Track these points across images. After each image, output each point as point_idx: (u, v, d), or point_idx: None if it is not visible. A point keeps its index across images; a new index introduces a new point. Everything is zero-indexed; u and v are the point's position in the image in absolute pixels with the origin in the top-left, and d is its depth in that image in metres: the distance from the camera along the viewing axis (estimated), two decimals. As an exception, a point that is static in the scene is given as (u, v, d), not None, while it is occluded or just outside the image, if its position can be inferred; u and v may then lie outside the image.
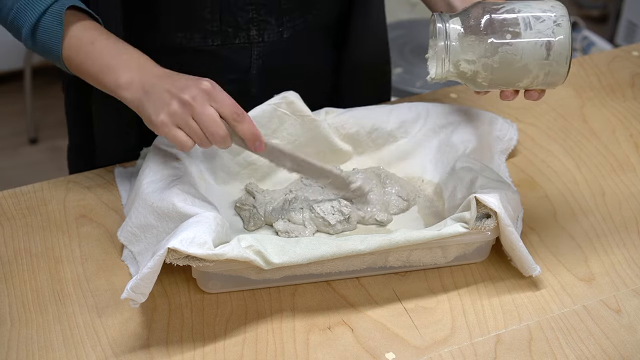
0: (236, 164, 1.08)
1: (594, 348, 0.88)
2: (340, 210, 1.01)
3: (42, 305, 0.91)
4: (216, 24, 1.09)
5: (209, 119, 0.89)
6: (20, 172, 2.71)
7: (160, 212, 0.93)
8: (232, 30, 1.10)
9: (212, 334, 0.88)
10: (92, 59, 0.95)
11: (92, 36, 0.96)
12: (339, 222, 1.01)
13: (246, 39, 1.11)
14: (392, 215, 1.04)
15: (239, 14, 1.09)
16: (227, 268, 0.90)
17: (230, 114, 0.90)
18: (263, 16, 1.10)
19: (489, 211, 0.92)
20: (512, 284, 0.96)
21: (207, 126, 0.90)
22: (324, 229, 1.01)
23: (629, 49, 1.47)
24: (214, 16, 1.08)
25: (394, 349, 0.87)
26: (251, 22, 1.10)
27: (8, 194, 1.07)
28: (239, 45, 1.12)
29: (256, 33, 1.11)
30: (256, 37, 1.12)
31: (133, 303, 0.85)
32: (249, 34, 1.11)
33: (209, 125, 0.90)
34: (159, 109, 0.90)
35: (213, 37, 1.10)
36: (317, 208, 1.00)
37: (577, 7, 3.66)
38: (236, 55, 1.13)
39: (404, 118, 1.13)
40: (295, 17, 1.13)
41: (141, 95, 0.92)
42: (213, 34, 1.10)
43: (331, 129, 1.10)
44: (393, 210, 1.04)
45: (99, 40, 0.95)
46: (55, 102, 3.06)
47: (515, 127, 1.18)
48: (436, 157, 1.10)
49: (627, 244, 1.02)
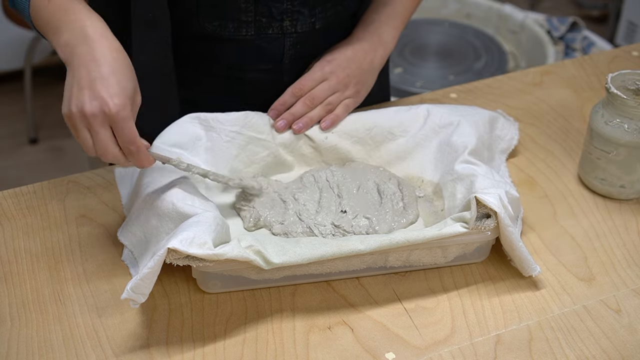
0: (238, 160, 1.08)
1: (594, 348, 0.88)
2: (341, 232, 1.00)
3: (42, 305, 0.91)
4: (251, 14, 1.10)
5: (100, 143, 0.88)
6: (20, 172, 2.71)
7: (160, 212, 0.93)
8: (266, 21, 1.11)
9: (212, 334, 0.89)
10: (46, 16, 0.93)
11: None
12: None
13: (279, 30, 1.12)
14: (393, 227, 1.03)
15: (273, 5, 1.10)
16: (227, 268, 0.90)
17: (124, 145, 0.88)
18: (297, 7, 1.11)
19: (489, 211, 0.92)
20: (512, 284, 0.96)
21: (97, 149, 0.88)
22: None
23: (629, 49, 1.47)
24: (248, 7, 1.09)
25: (394, 349, 0.87)
26: (285, 13, 1.11)
27: (8, 194, 1.07)
28: (272, 35, 1.13)
29: (289, 24, 1.12)
30: (289, 27, 1.13)
31: (133, 303, 0.85)
32: (282, 24, 1.12)
33: (98, 149, 0.88)
34: (68, 96, 0.88)
35: (247, 27, 1.11)
36: (316, 229, 1.00)
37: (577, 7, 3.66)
38: (269, 45, 1.14)
39: (404, 118, 1.13)
40: (327, 8, 1.14)
41: (68, 60, 0.89)
42: (247, 24, 1.11)
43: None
44: (395, 225, 1.03)
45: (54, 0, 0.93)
46: (55, 102, 3.06)
47: (516, 126, 1.18)
48: (436, 157, 1.10)
49: (627, 244, 1.02)
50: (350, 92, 1.13)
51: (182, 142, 1.04)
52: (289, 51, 1.15)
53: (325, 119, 1.11)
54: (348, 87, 1.13)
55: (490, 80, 1.36)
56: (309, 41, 1.16)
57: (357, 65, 1.14)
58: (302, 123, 1.10)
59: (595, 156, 1.08)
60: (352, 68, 1.13)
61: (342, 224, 1.00)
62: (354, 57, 1.14)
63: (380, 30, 1.17)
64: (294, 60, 1.17)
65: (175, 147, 1.03)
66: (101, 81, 0.86)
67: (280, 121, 1.10)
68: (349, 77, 1.13)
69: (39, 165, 2.76)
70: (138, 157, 0.90)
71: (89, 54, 0.88)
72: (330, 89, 1.12)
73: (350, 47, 1.15)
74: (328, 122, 1.11)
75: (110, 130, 0.88)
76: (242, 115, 1.07)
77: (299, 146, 1.11)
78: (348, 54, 1.14)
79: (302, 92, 1.11)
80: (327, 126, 1.11)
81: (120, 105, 0.86)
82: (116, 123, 0.86)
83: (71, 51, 0.89)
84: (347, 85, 1.13)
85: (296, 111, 1.10)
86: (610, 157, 1.06)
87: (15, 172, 2.71)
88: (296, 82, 1.12)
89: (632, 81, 1.07)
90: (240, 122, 1.07)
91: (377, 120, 1.12)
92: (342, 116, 1.12)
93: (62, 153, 2.83)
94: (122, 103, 0.86)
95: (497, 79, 1.36)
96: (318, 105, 1.11)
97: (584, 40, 2.61)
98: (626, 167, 1.06)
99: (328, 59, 1.14)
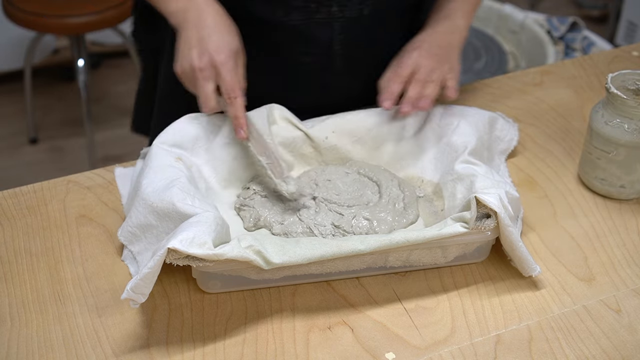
0: (237, 162, 1.08)
1: (594, 348, 0.88)
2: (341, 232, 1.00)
3: (42, 305, 0.91)
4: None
5: (202, 94, 1.02)
6: (20, 172, 2.71)
7: (160, 212, 0.93)
8: (315, 6, 1.13)
9: (212, 334, 0.89)
10: None
11: None
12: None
13: (327, 15, 1.14)
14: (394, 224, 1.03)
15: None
16: (227, 268, 0.90)
17: (225, 92, 1.02)
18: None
19: (489, 211, 0.92)
20: (512, 284, 0.96)
21: (199, 99, 1.02)
22: None
23: (629, 49, 1.47)
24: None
25: (394, 349, 0.87)
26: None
27: (8, 194, 1.07)
28: (320, 20, 1.15)
29: (337, 9, 1.14)
30: (337, 12, 1.14)
31: (133, 303, 0.85)
32: (330, 9, 1.13)
33: (200, 99, 1.02)
34: (181, 57, 1.03)
35: (295, 12, 1.13)
36: (316, 229, 1.00)
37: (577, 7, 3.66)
38: (317, 31, 1.16)
39: (404, 117, 1.13)
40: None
41: (179, 25, 1.04)
42: (296, 9, 1.12)
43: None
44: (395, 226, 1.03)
45: None
46: (55, 102, 3.06)
47: (516, 127, 1.18)
48: (436, 157, 1.10)
49: (627, 244, 1.02)
50: (447, 68, 1.14)
51: (182, 142, 1.04)
52: (339, 36, 1.17)
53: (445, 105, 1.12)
54: (442, 65, 1.13)
55: (490, 80, 1.36)
56: (358, 27, 1.17)
57: (439, 46, 1.15)
58: (424, 102, 1.11)
59: (595, 156, 1.08)
60: (435, 50, 1.14)
61: (342, 224, 1.00)
62: (434, 41, 1.15)
63: (452, 17, 1.18)
64: (344, 45, 1.18)
65: (175, 147, 1.03)
66: (208, 39, 1.01)
67: (405, 106, 1.10)
68: (439, 57, 1.14)
69: (39, 165, 2.76)
70: (235, 106, 1.02)
71: (197, 18, 1.02)
72: (429, 69, 1.12)
73: (427, 35, 1.16)
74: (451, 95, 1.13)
75: (214, 84, 1.02)
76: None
77: (298, 146, 1.11)
78: (428, 40, 1.15)
79: (402, 78, 1.12)
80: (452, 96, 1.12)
81: (225, 58, 1.00)
82: (220, 73, 1.00)
83: (182, 17, 1.03)
84: (441, 63, 1.13)
85: (412, 94, 1.11)
86: (610, 157, 1.06)
87: (15, 172, 2.71)
88: (392, 75, 1.13)
89: (632, 81, 1.07)
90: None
91: (377, 121, 1.12)
92: (455, 94, 1.14)
93: (62, 153, 2.83)
94: (226, 56, 1.00)
95: (497, 79, 1.36)
96: (427, 84, 1.12)
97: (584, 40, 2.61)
98: (626, 167, 1.06)
99: (410, 49, 1.15)
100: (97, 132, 2.85)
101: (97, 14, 2.47)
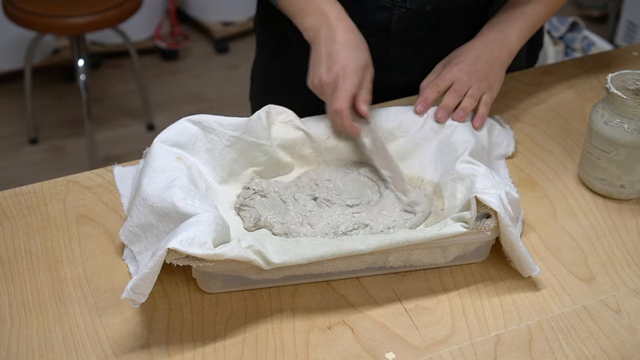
0: (237, 164, 1.08)
1: (594, 348, 0.88)
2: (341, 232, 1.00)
3: (42, 305, 0.91)
4: None
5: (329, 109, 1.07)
6: (20, 172, 2.71)
7: (160, 212, 0.93)
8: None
9: (212, 334, 0.89)
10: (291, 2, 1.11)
11: None
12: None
13: (390, 1, 1.20)
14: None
15: None
16: (227, 268, 0.90)
17: (329, 106, 1.06)
18: None
19: (489, 211, 0.92)
20: (512, 284, 0.96)
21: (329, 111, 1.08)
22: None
23: (629, 49, 1.47)
24: None
25: (394, 349, 0.87)
26: None
27: (8, 194, 1.07)
28: (382, 3, 1.20)
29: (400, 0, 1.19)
30: (399, 1, 1.20)
31: (133, 303, 0.85)
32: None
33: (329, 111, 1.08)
34: (312, 72, 1.08)
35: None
36: (316, 229, 1.00)
37: (577, 7, 3.66)
38: (378, 12, 1.21)
39: (404, 118, 1.13)
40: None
41: (312, 41, 1.09)
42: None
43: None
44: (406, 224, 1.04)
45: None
46: (55, 102, 3.06)
47: (511, 135, 1.19)
48: (436, 157, 1.10)
49: (627, 244, 1.02)
50: (485, 86, 1.15)
51: (182, 142, 1.04)
52: (396, 24, 1.21)
53: (476, 119, 1.13)
54: (481, 82, 1.15)
55: (490, 80, 1.36)
56: (418, 20, 1.21)
57: (484, 62, 1.16)
58: (461, 113, 1.12)
59: (595, 156, 1.08)
60: (479, 65, 1.16)
61: (342, 224, 1.00)
62: (480, 55, 1.16)
63: (506, 30, 1.19)
64: (401, 33, 1.23)
65: (176, 147, 1.03)
66: (336, 55, 1.05)
67: (440, 112, 1.12)
68: (479, 74, 1.15)
69: (39, 165, 2.76)
70: (341, 118, 1.06)
71: (328, 35, 1.06)
72: (466, 85, 1.14)
73: (476, 47, 1.18)
74: (479, 122, 1.13)
75: None
76: (243, 121, 1.07)
77: (298, 148, 1.11)
78: (474, 53, 1.17)
79: (440, 88, 1.15)
80: (479, 126, 1.13)
81: (351, 71, 1.04)
82: (338, 87, 1.04)
83: (315, 34, 1.08)
84: (480, 80, 1.15)
85: (449, 103, 1.13)
86: (610, 157, 1.06)
87: (15, 172, 2.71)
88: (432, 82, 1.15)
89: (632, 81, 1.07)
90: (242, 128, 1.06)
91: (377, 121, 1.12)
92: (485, 115, 1.14)
93: (62, 153, 2.83)
94: (353, 69, 1.04)
95: (497, 79, 1.36)
96: (464, 97, 1.13)
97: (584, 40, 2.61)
98: (626, 167, 1.06)
99: (455, 61, 1.17)
100: (97, 132, 2.85)
101: (97, 14, 2.47)
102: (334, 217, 1.01)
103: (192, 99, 3.13)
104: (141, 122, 2.98)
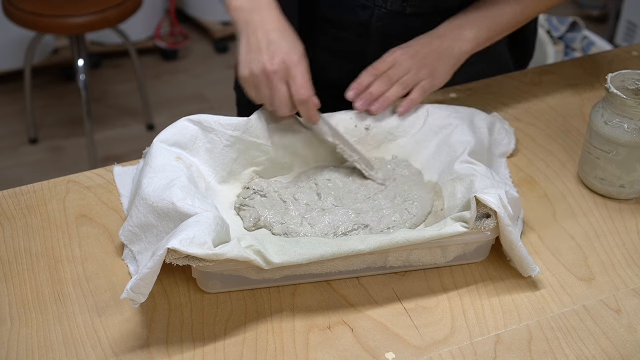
0: (237, 164, 1.08)
1: (594, 348, 0.88)
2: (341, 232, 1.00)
3: (42, 305, 0.91)
4: None
5: (278, 97, 1.03)
6: (20, 172, 2.71)
7: (160, 211, 0.93)
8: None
9: (212, 334, 0.89)
10: None
11: None
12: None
13: (372, 1, 1.20)
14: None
15: None
16: (227, 268, 0.90)
17: (296, 96, 1.02)
18: None
19: (489, 211, 0.92)
20: (512, 284, 0.96)
21: (275, 102, 1.03)
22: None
23: (629, 49, 1.47)
24: None
25: (394, 349, 0.87)
26: None
27: (8, 194, 1.07)
28: (364, 2, 1.21)
29: (382, 1, 1.19)
30: (380, 1, 1.20)
31: (133, 303, 0.85)
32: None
33: (276, 102, 1.03)
34: (249, 60, 1.03)
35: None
36: (316, 229, 1.00)
37: (577, 7, 3.66)
38: (360, 9, 1.21)
39: (404, 118, 1.13)
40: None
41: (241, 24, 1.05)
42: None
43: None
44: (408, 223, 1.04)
45: None
46: (55, 102, 3.06)
47: (512, 132, 1.18)
48: (436, 157, 1.10)
49: (627, 244, 1.02)
50: (424, 74, 1.14)
51: (182, 142, 1.04)
52: (376, 23, 1.21)
53: (402, 104, 1.12)
54: (422, 69, 1.14)
55: (490, 80, 1.36)
56: (398, 22, 1.20)
57: (431, 49, 1.15)
58: (379, 104, 1.12)
59: (595, 156, 1.08)
60: (425, 52, 1.15)
61: (342, 224, 1.00)
62: (430, 42, 1.16)
63: (463, 27, 1.17)
64: (380, 34, 1.23)
65: (176, 147, 1.03)
66: (277, 44, 1.02)
67: (360, 101, 1.12)
68: (423, 60, 1.14)
69: (39, 165, 2.76)
70: (308, 107, 1.03)
71: (261, 22, 1.03)
72: (405, 70, 1.13)
73: (427, 35, 1.17)
74: (404, 107, 1.13)
75: (287, 85, 1.02)
76: (243, 121, 1.07)
77: (298, 148, 1.11)
78: (423, 40, 1.16)
79: (378, 72, 1.13)
80: (404, 111, 1.12)
81: (297, 60, 1.02)
82: (293, 76, 1.01)
83: (245, 17, 1.05)
84: (421, 67, 1.14)
85: (374, 90, 1.12)
86: (610, 157, 1.06)
87: (15, 172, 2.71)
88: (371, 65, 1.14)
89: (632, 81, 1.07)
90: (242, 128, 1.06)
91: (377, 121, 1.12)
92: (417, 100, 1.13)
93: (62, 153, 2.83)
94: (298, 58, 1.02)
95: (497, 79, 1.36)
96: (395, 85, 1.13)
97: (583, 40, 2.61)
98: (626, 167, 1.06)
99: (403, 45, 1.16)
100: (97, 132, 2.85)
101: (97, 14, 2.47)
102: (334, 218, 1.01)
103: (192, 99, 3.13)
104: (141, 122, 2.98)
